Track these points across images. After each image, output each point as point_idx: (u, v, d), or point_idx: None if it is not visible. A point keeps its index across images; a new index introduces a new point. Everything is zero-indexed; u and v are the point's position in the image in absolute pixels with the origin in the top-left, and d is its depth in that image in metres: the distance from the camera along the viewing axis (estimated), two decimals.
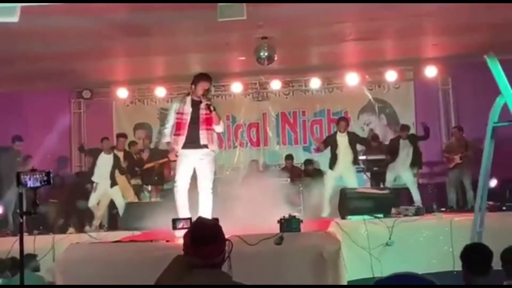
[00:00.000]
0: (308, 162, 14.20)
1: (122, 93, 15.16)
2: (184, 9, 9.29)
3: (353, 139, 12.23)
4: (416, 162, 13.02)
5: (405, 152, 12.83)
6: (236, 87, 14.95)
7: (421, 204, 11.67)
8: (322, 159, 13.66)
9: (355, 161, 12.22)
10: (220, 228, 3.53)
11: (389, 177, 12.91)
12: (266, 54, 11.43)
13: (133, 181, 13.23)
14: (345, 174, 12.04)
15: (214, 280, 3.32)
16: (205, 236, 3.40)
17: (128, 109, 15.67)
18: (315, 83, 14.79)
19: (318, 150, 13.08)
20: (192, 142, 8.39)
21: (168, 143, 8.61)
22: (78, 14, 9.26)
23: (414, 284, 2.00)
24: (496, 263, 5.08)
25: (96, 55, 11.96)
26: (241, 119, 15.49)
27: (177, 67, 13.27)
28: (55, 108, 15.07)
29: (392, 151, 13.02)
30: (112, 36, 10.68)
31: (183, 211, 8.28)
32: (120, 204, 12.07)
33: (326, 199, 11.81)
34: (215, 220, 4.49)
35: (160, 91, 14.95)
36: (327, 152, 12.38)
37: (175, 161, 8.65)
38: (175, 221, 7.18)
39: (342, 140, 12.09)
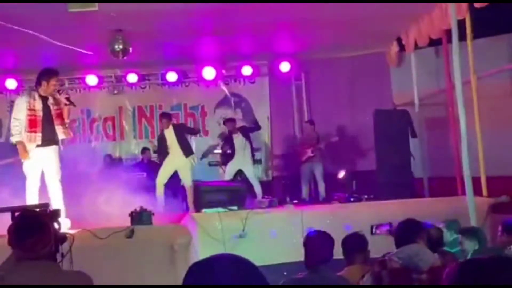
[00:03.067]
0: None
1: None
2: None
3: (180, 131, 12.11)
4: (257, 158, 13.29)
5: (240, 146, 12.96)
6: (91, 80, 14.64)
7: (262, 197, 11.83)
8: None
9: (187, 152, 12.01)
10: (45, 218, 3.47)
11: (230, 171, 12.94)
12: (120, 47, 11.28)
13: None
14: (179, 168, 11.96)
15: (40, 272, 3.26)
16: (27, 227, 3.33)
17: None
18: (171, 76, 14.71)
19: None
20: (49, 139, 8.30)
21: (18, 142, 8.24)
22: None
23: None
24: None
25: None
26: (97, 112, 15.22)
27: (29, 59, 12.83)
28: None
29: (228, 145, 13.20)
30: None
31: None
32: None
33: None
34: (44, 211, 4.37)
35: (11, 83, 14.41)
36: None
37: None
38: (14, 213, 6.95)
39: (170, 134, 11.97)
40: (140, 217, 7.17)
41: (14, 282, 3.15)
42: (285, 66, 14.53)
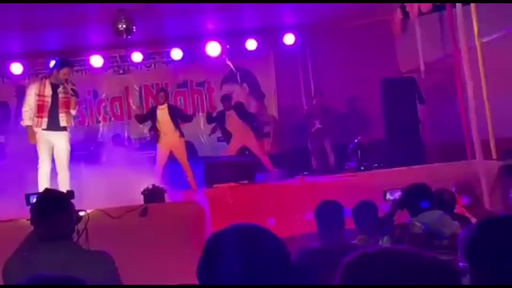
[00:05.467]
0: None
1: None
2: None
3: (174, 113, 11.84)
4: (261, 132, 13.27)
5: (237, 124, 12.81)
6: (96, 60, 14.58)
7: (277, 170, 11.84)
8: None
9: (181, 132, 11.73)
10: (67, 197, 3.51)
11: (233, 149, 12.85)
12: (124, 26, 11.27)
13: None
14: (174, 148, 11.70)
15: (65, 251, 3.31)
16: (51, 206, 3.38)
17: None
18: (176, 54, 14.65)
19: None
20: (53, 124, 8.62)
21: (28, 126, 8.62)
22: None
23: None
24: None
25: None
26: (103, 93, 15.24)
27: (33, 43, 12.85)
28: None
29: (218, 128, 13.21)
30: None
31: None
32: None
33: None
34: (67, 192, 4.43)
35: (16, 68, 14.40)
36: None
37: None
38: (28, 196, 7.00)
39: (163, 113, 11.66)
40: (153, 194, 7.21)
41: (39, 261, 3.20)
42: (289, 38, 14.47)
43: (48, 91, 8.57)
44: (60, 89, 8.63)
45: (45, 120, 8.57)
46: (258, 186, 9.95)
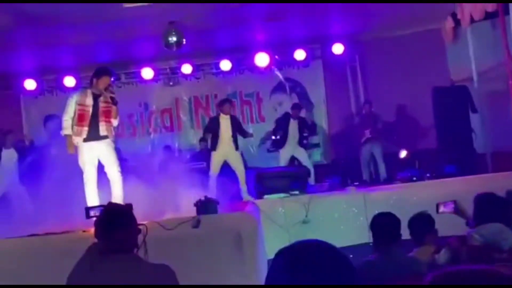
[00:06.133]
0: None
1: (30, 84, 14.76)
2: None
3: (236, 124, 11.88)
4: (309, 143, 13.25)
5: (294, 133, 12.92)
6: (147, 73, 14.77)
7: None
8: None
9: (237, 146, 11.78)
10: (130, 212, 3.55)
11: (285, 157, 12.89)
12: (174, 39, 11.38)
13: None
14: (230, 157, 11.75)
15: (129, 265, 3.34)
16: (115, 220, 3.42)
17: (37, 101, 15.28)
18: (225, 65, 14.75)
19: None
20: (94, 134, 8.55)
21: (67, 135, 8.59)
22: None
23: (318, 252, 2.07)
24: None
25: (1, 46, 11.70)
26: (154, 105, 15.39)
27: (86, 56, 13.06)
28: None
29: (280, 130, 13.14)
30: (17, 26, 10.44)
31: (94, 201, 8.33)
32: None
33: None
34: (127, 206, 4.49)
35: (70, 81, 14.64)
36: None
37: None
38: (88, 209, 7.11)
39: (225, 122, 11.72)
40: (205, 206, 7.22)
41: (103, 274, 3.23)
42: (338, 48, 14.41)
43: (89, 100, 8.49)
44: (101, 98, 8.55)
45: (85, 129, 8.49)
46: (309, 197, 9.91)
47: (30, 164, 12.13)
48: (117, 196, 8.51)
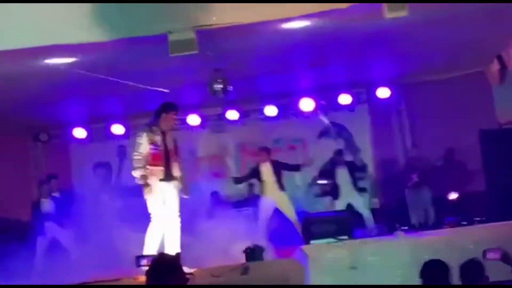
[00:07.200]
0: None
1: (79, 133, 15.04)
2: (136, 45, 9.38)
3: (275, 166, 12.17)
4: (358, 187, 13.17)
5: (345, 179, 12.92)
6: (193, 120, 14.92)
7: (375, 226, 11.72)
8: None
9: (281, 186, 12.12)
10: (179, 262, 3.60)
11: (340, 204, 12.84)
12: (220, 86, 11.49)
13: None
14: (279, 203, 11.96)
15: None
16: (164, 271, 3.47)
17: (86, 148, 15.53)
18: (270, 111, 14.84)
19: None
20: (168, 174, 8.44)
21: (142, 177, 8.32)
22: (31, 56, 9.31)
23: None
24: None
25: (52, 96, 11.96)
26: (201, 151, 15.50)
27: (134, 104, 13.27)
28: (12, 152, 14.81)
29: (328, 176, 13.16)
30: (67, 76, 10.69)
31: (153, 248, 8.13)
32: None
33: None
34: (176, 256, 4.54)
35: (118, 129, 14.88)
36: None
37: None
38: (138, 258, 7.17)
39: (266, 169, 12.07)
40: (254, 253, 7.25)
41: None
42: (383, 92, 14.37)
43: (159, 138, 8.37)
44: (167, 136, 8.48)
45: (161, 170, 8.30)
46: (357, 242, 9.82)
47: (78, 211, 12.33)
48: (176, 241, 8.33)
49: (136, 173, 8.35)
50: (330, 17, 9.29)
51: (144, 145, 8.37)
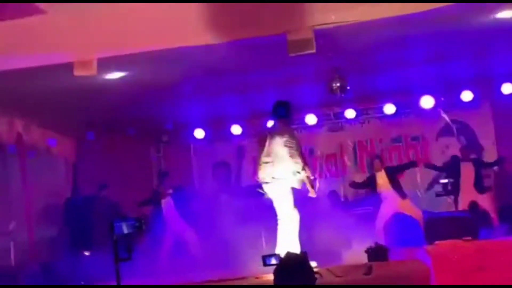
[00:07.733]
0: None
1: (199, 133, 15.32)
2: (255, 46, 9.46)
3: (390, 173, 12.15)
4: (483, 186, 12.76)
5: (470, 175, 12.58)
6: (311, 119, 14.93)
7: (501, 225, 11.35)
8: None
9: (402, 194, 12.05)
10: (308, 263, 3.58)
11: (462, 203, 12.52)
12: (338, 84, 11.42)
13: None
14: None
15: None
16: (293, 270, 3.46)
17: (206, 149, 15.80)
18: (389, 109, 14.63)
19: None
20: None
21: (308, 177, 8.66)
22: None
23: None
24: None
25: (174, 98, 12.28)
26: (318, 150, 15.48)
27: (252, 104, 13.39)
28: (135, 153, 15.27)
29: (451, 173, 12.83)
30: (190, 78, 10.93)
31: (285, 247, 8.16)
32: None
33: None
34: (304, 254, 4.52)
35: (236, 129, 15.06)
36: None
37: None
38: (265, 258, 7.20)
39: (382, 177, 12.07)
40: (376, 253, 7.15)
41: None
42: (508, 88, 13.85)
43: None
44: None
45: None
46: (482, 243, 9.52)
47: (199, 209, 12.57)
48: (295, 241, 8.40)
49: (308, 172, 8.65)
50: (452, 12, 9.03)
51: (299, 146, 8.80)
